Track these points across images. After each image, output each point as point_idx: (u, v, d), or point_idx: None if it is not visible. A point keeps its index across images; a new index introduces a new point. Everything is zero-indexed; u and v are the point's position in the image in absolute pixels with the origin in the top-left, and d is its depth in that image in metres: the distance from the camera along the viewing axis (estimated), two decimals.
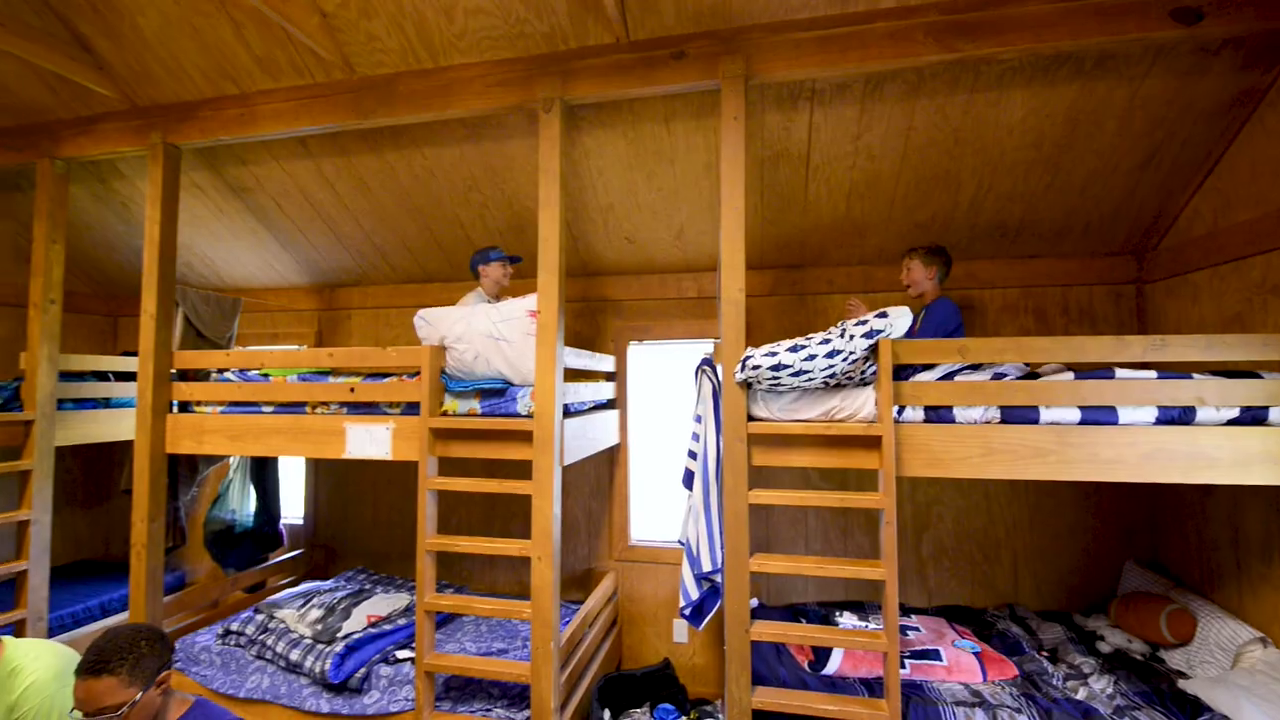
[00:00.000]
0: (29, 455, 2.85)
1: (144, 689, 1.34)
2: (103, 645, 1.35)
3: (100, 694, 1.30)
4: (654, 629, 3.22)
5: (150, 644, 1.39)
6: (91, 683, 1.30)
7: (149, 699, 1.35)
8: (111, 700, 1.30)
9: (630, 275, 3.33)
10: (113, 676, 1.31)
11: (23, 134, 3.04)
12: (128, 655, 1.35)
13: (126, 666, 1.33)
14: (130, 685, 1.33)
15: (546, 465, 2.24)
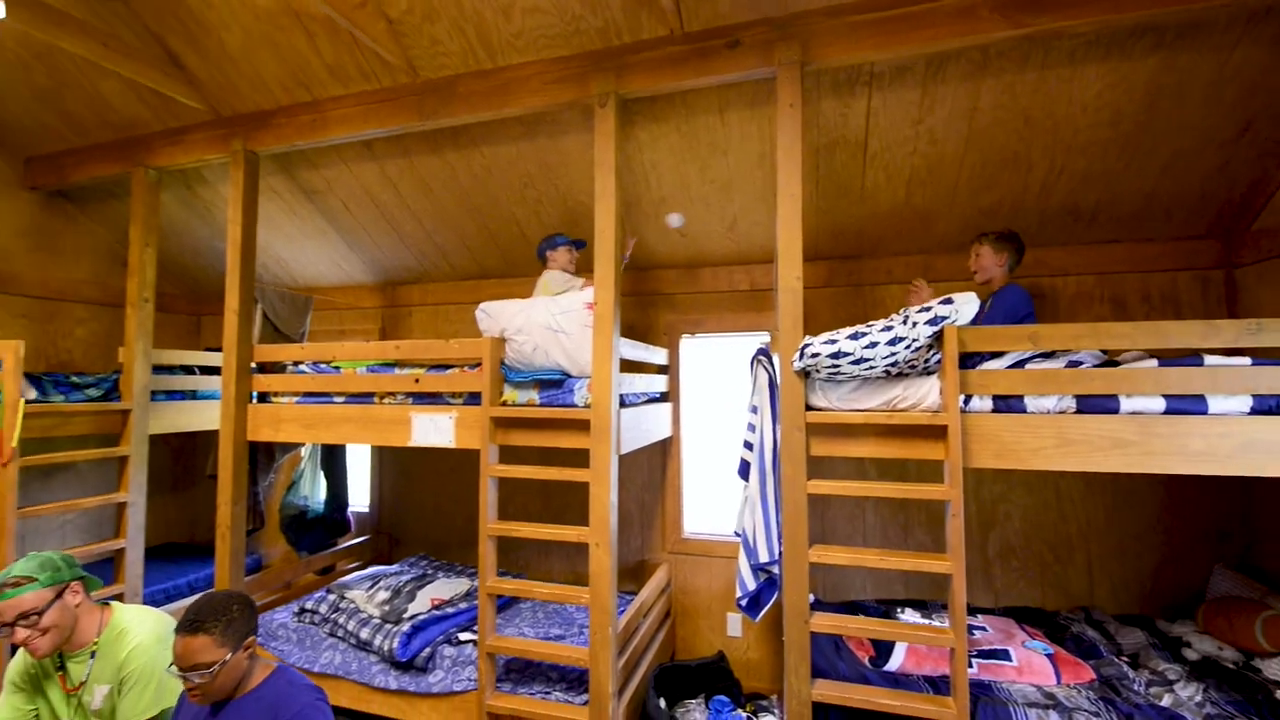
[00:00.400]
0: (126, 442, 3.09)
1: (233, 651, 1.44)
2: (200, 606, 1.46)
3: (196, 651, 1.40)
4: (708, 622, 3.22)
5: (241, 609, 1.49)
6: (189, 640, 1.40)
7: (237, 660, 1.45)
8: (205, 658, 1.40)
9: (682, 269, 3.34)
10: (207, 635, 1.41)
11: (121, 146, 3.30)
12: (221, 617, 1.45)
13: (220, 628, 1.43)
14: (222, 646, 1.42)
15: (603, 454, 2.28)
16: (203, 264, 4.16)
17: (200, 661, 1.39)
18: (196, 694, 1.40)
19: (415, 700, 2.50)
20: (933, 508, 2.95)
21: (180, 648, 1.39)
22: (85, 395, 3.00)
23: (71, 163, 3.44)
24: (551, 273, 2.88)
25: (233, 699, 1.48)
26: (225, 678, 1.43)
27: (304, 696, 1.48)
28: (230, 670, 1.43)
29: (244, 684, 1.49)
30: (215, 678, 1.40)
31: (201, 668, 1.39)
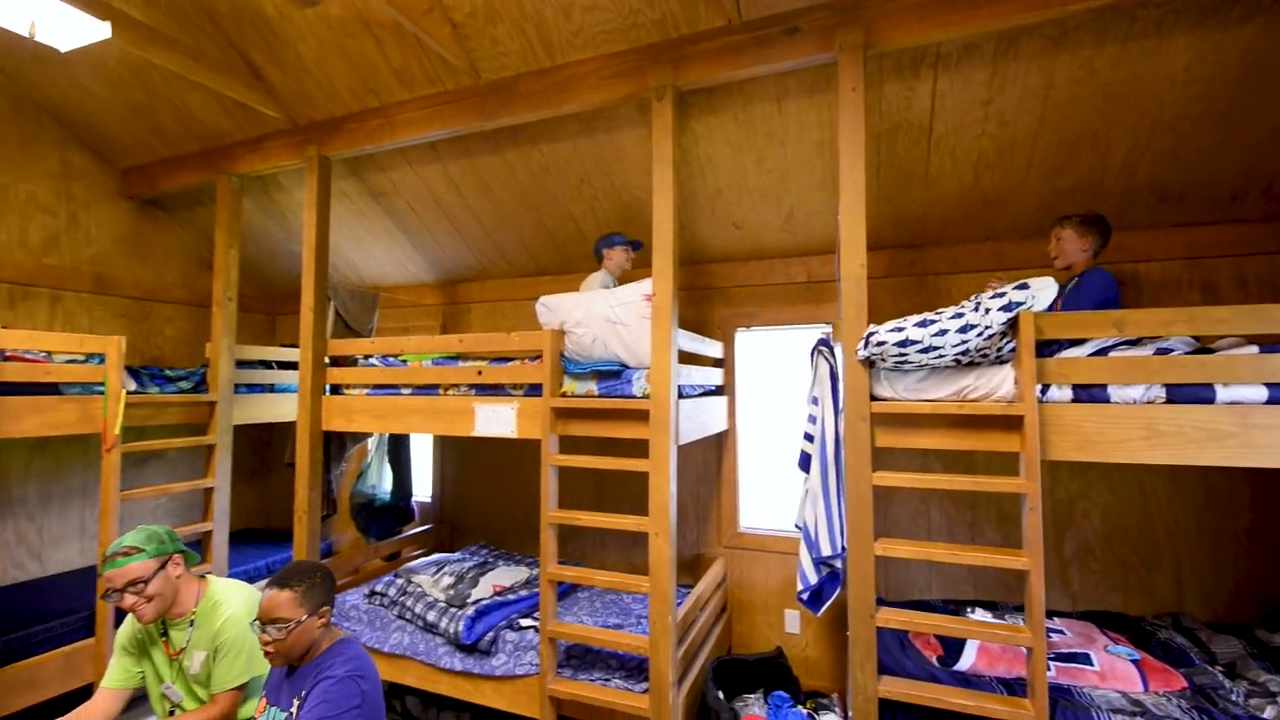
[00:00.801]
0: (213, 432, 3.31)
1: (309, 614, 1.53)
2: (289, 568, 1.57)
3: (278, 605, 1.50)
4: (765, 618, 3.19)
5: (323, 579, 1.59)
6: (275, 593, 1.51)
7: (310, 624, 1.54)
8: (284, 613, 1.49)
9: (737, 262, 3.32)
10: (291, 592, 1.51)
11: (206, 156, 3.53)
12: (305, 580, 1.55)
13: (302, 589, 1.53)
14: (300, 606, 1.52)
15: (663, 444, 2.29)
16: (278, 266, 4.40)
17: (280, 616, 1.48)
18: (270, 650, 1.49)
19: (479, 682, 2.58)
20: (1003, 505, 2.83)
21: (265, 601, 1.49)
22: (177, 387, 3.22)
23: (162, 172, 3.70)
24: (593, 276, 2.92)
25: (301, 664, 1.55)
26: (297, 638, 1.51)
27: (344, 668, 1.52)
28: (302, 632, 1.51)
29: (313, 652, 1.57)
30: (289, 635, 1.48)
31: (280, 622, 1.48)
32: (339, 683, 1.48)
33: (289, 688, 1.54)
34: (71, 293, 3.63)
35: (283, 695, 1.54)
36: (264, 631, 1.49)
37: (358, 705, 1.48)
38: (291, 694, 1.52)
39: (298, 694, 1.51)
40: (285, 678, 1.56)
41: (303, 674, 1.54)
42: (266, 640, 1.49)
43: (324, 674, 1.50)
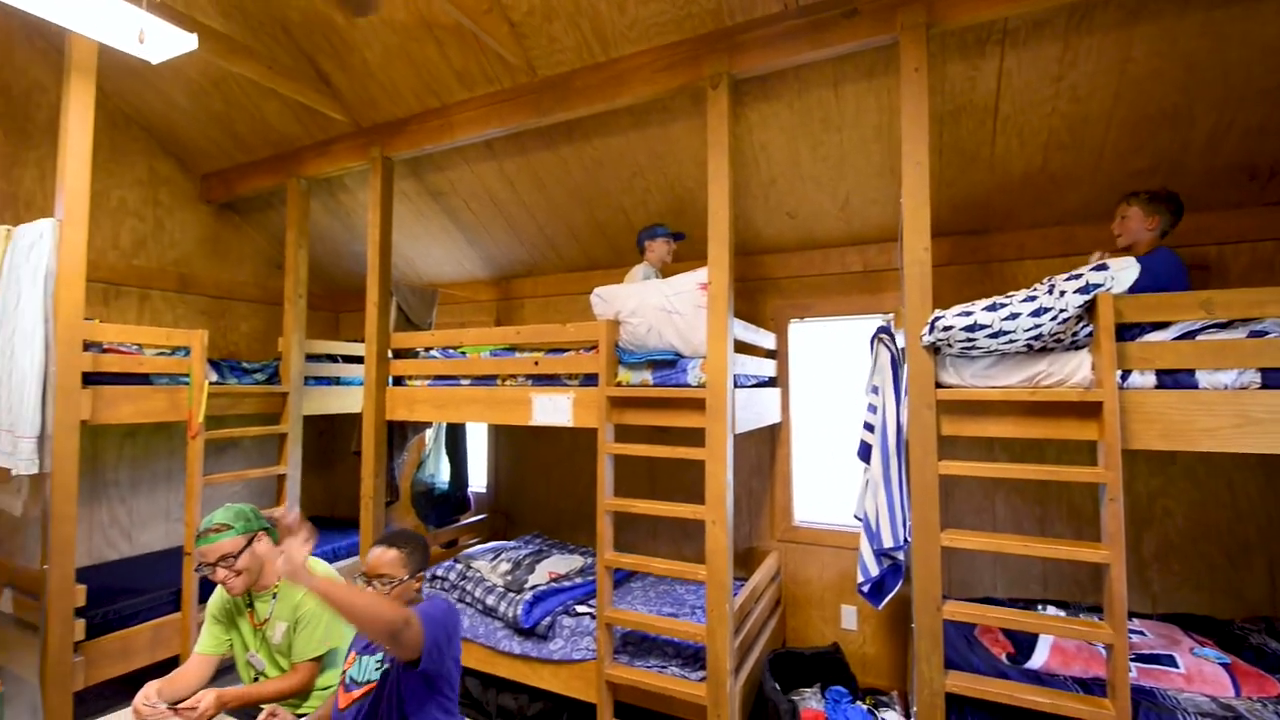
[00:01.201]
0: (285, 421, 3.48)
1: (409, 575, 1.63)
2: (396, 531, 1.70)
3: (385, 562, 1.60)
4: (820, 613, 3.14)
5: (423, 547, 1.70)
6: (383, 551, 1.61)
7: (410, 585, 1.64)
8: (390, 570, 1.60)
9: (791, 252, 3.29)
10: (398, 552, 1.62)
11: (278, 160, 3.72)
12: (409, 544, 1.66)
13: (406, 551, 1.63)
14: (404, 567, 1.62)
15: (719, 432, 2.29)
16: (342, 265, 4.60)
17: (386, 573, 1.59)
18: None
19: (537, 665, 2.63)
20: (1075, 499, 2.71)
21: (373, 557, 1.59)
22: (253, 379, 3.40)
23: (238, 177, 3.92)
24: (635, 269, 2.95)
25: None
26: (398, 595, 1.60)
27: (435, 603, 1.60)
28: (403, 591, 1.61)
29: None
30: (392, 591, 1.58)
31: (386, 578, 1.58)
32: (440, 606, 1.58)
33: None
34: (158, 291, 3.89)
35: (375, 645, 1.62)
36: (369, 585, 1.57)
37: (446, 608, 1.57)
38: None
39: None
40: None
41: None
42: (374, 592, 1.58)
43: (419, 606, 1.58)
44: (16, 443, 2.53)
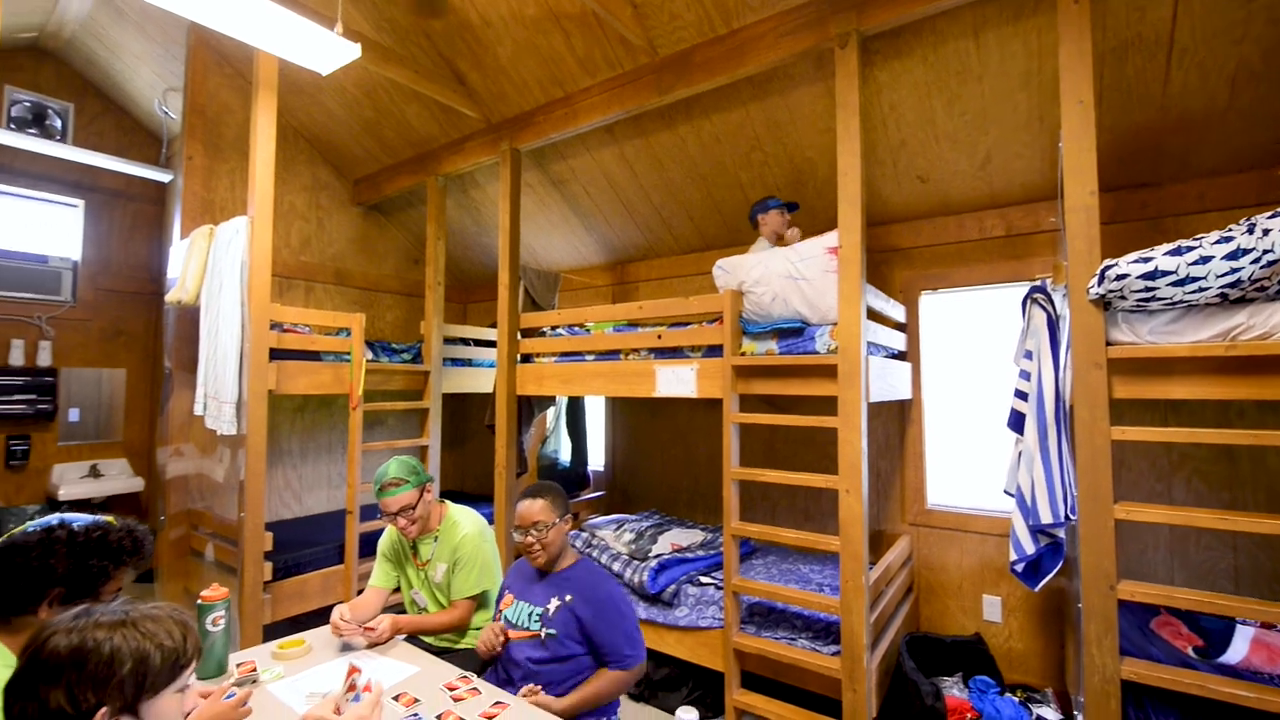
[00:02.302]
0: (427, 398, 3.80)
1: (559, 518, 1.76)
2: (534, 486, 1.81)
3: (535, 511, 1.73)
4: (958, 602, 2.95)
5: (562, 492, 1.83)
6: (530, 503, 1.74)
7: (561, 529, 1.76)
8: (541, 517, 1.73)
9: (921, 220, 3.11)
10: (544, 501, 1.75)
11: (418, 161, 4.07)
12: (551, 491, 1.79)
13: (550, 498, 1.76)
14: (553, 512, 1.75)
15: (852, 399, 2.22)
16: (470, 257, 4.94)
17: (538, 520, 1.71)
18: (536, 549, 1.71)
19: (663, 631, 2.69)
20: (1276, 481, 2.35)
21: (523, 509, 1.72)
22: (401, 359, 3.75)
23: (385, 179, 4.33)
24: (759, 242, 2.90)
25: (551, 572, 1.76)
26: (554, 537, 1.73)
27: (607, 585, 1.74)
28: (557, 534, 1.73)
29: (560, 561, 1.78)
30: (548, 533, 1.70)
31: (539, 525, 1.71)
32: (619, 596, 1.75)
33: (542, 589, 1.75)
34: (319, 284, 4.39)
35: (535, 594, 1.75)
36: (526, 535, 1.71)
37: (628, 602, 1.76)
38: (548, 594, 1.73)
39: (558, 595, 1.72)
40: (537, 580, 1.77)
41: (555, 581, 1.75)
42: (530, 541, 1.71)
43: (598, 591, 1.70)
44: (221, 407, 2.96)
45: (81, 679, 0.76)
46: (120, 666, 0.79)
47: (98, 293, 4.41)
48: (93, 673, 0.77)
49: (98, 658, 0.77)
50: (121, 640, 0.80)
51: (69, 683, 0.75)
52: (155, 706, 0.83)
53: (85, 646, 0.77)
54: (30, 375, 4.06)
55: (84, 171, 4.26)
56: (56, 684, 0.75)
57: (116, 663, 0.78)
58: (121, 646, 0.79)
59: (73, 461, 4.27)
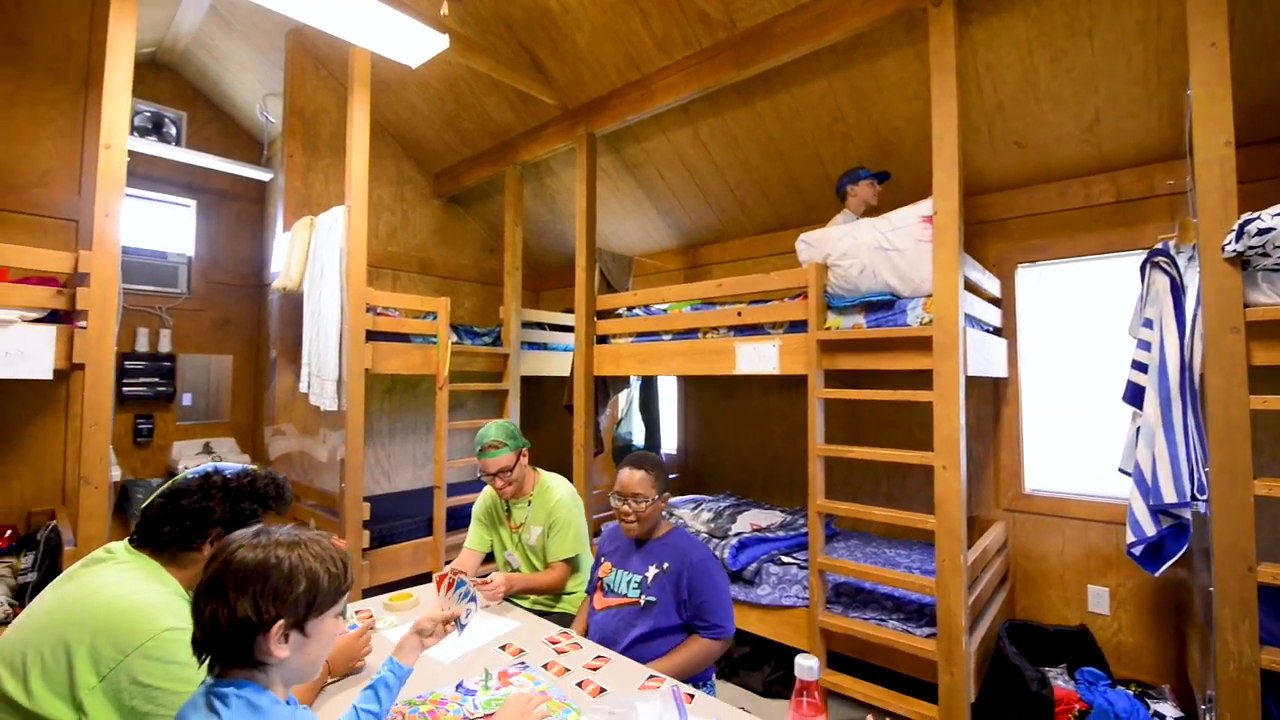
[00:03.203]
0: (506, 379, 3.93)
1: (658, 494, 1.77)
2: (638, 454, 1.84)
3: (636, 482, 1.75)
4: (1059, 592, 2.79)
5: (662, 466, 1.83)
6: (632, 472, 1.76)
7: (657, 505, 1.77)
8: (641, 490, 1.75)
9: (1018, 189, 2.95)
10: (645, 474, 1.76)
11: (496, 151, 4.19)
12: (653, 466, 1.80)
13: (653, 473, 1.78)
14: (652, 487, 1.76)
15: (949, 371, 2.13)
16: (544, 245, 5.06)
17: (638, 492, 1.73)
18: (631, 520, 1.73)
19: (744, 608, 2.67)
20: None
21: (625, 478, 1.75)
22: (482, 341, 3.89)
23: (464, 171, 4.49)
24: (838, 217, 2.83)
25: (648, 540, 1.78)
26: (651, 512, 1.74)
27: (704, 549, 1.76)
28: (654, 509, 1.75)
29: (655, 530, 1.80)
30: (646, 508, 1.72)
31: (639, 497, 1.73)
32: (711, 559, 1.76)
33: (639, 558, 1.78)
34: (405, 273, 4.61)
35: (633, 562, 1.79)
36: (624, 503, 1.74)
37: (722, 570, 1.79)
38: (645, 563, 1.76)
39: (655, 563, 1.74)
40: (634, 549, 1.81)
41: (652, 549, 1.78)
42: (627, 511, 1.74)
43: (691, 556, 1.72)
44: (324, 385, 3.16)
45: (265, 591, 0.84)
46: (297, 585, 0.86)
47: (208, 285, 4.78)
48: (275, 587, 0.84)
49: (279, 574, 0.85)
50: (298, 560, 0.87)
51: (255, 593, 0.83)
52: (320, 625, 0.91)
53: (268, 562, 0.85)
54: (153, 360, 4.46)
55: (195, 174, 4.63)
56: (244, 593, 0.83)
57: (294, 580, 0.86)
58: (298, 566, 0.87)
59: (189, 440, 4.66)
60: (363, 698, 1.12)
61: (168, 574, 1.20)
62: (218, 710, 0.80)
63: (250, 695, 0.83)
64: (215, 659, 0.85)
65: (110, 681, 1.02)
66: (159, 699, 1.03)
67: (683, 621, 1.70)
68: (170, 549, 1.22)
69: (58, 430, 3.26)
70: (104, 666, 1.03)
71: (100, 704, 1.01)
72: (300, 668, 0.91)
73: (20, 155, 3.21)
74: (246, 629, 0.83)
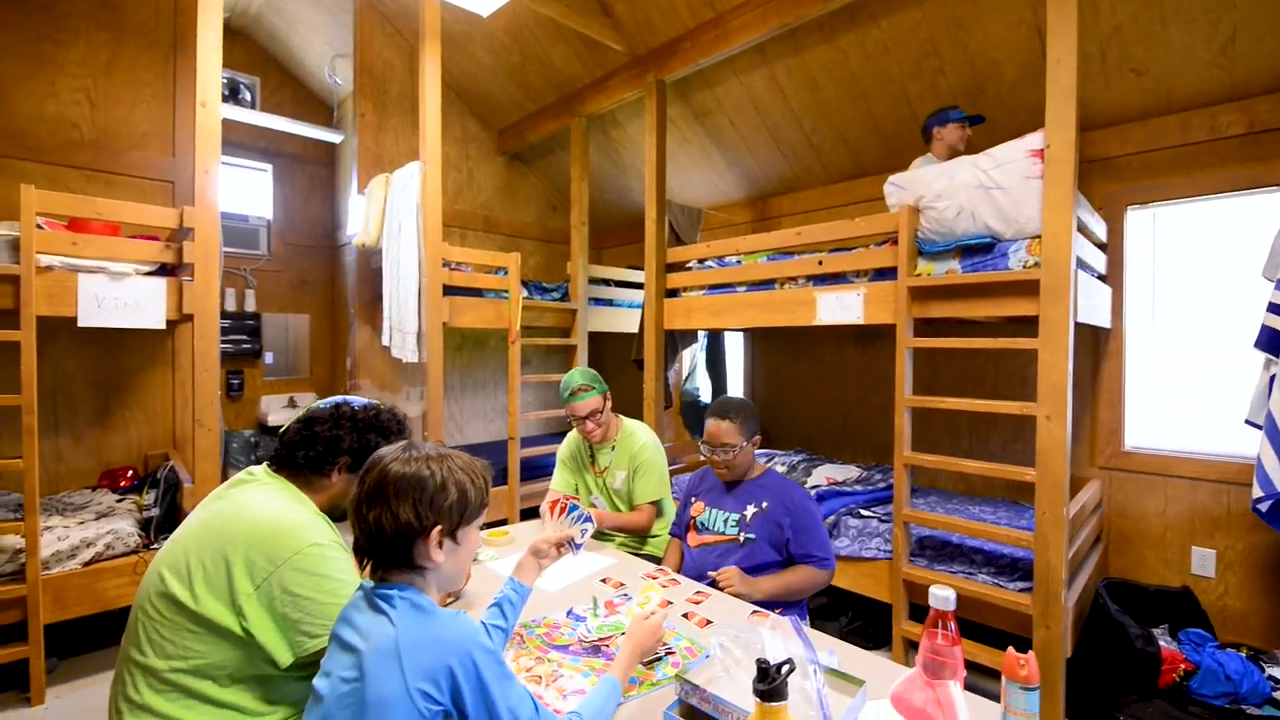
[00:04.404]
0: (574, 335, 3.96)
1: (747, 441, 1.76)
2: (726, 402, 1.83)
3: (724, 432, 1.75)
4: (1159, 553, 2.66)
5: (753, 412, 1.82)
6: (719, 422, 1.76)
7: (748, 450, 1.77)
8: (729, 439, 1.74)
9: (1132, 122, 2.70)
10: (731, 423, 1.75)
11: (561, 104, 4.14)
12: (741, 412, 1.78)
13: (740, 420, 1.76)
14: (740, 434, 1.75)
15: (1057, 317, 2.01)
16: (606, 200, 5.01)
17: (726, 441, 1.72)
18: (722, 467, 1.74)
19: None
20: None
21: (712, 428, 1.75)
22: (551, 296, 3.93)
23: (528, 126, 4.46)
24: (916, 161, 2.66)
25: (742, 481, 1.79)
26: (741, 459, 1.74)
27: (801, 490, 1.74)
28: (744, 455, 1.74)
29: (750, 471, 1.80)
30: (735, 456, 1.71)
31: (727, 446, 1.72)
32: (808, 496, 1.77)
33: (734, 499, 1.80)
34: (471, 231, 4.67)
35: (728, 502, 1.81)
36: (714, 453, 1.74)
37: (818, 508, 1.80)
38: (742, 502, 1.78)
39: (753, 503, 1.76)
40: (727, 490, 1.82)
41: (749, 489, 1.79)
42: (718, 460, 1.75)
43: (789, 496, 1.73)
44: (405, 338, 3.26)
45: (423, 499, 0.88)
46: (449, 495, 0.90)
47: (286, 247, 4.97)
48: (430, 496, 0.89)
49: (433, 484, 0.89)
50: (447, 472, 0.92)
51: (414, 501, 0.87)
52: (468, 534, 0.95)
53: (422, 474, 0.89)
54: (240, 319, 4.71)
55: (270, 138, 4.76)
56: (405, 500, 0.87)
57: (446, 491, 0.90)
58: (448, 478, 0.91)
59: (274, 394, 4.93)
60: (489, 614, 1.17)
61: (304, 495, 1.27)
62: (384, 610, 0.85)
63: (413, 597, 0.87)
64: (377, 562, 0.90)
65: (264, 590, 1.10)
66: (306, 608, 1.11)
67: (781, 559, 1.70)
68: (305, 473, 1.29)
69: (166, 380, 3.49)
70: (258, 576, 1.10)
71: (256, 609, 1.09)
72: (451, 574, 0.96)
73: (121, 119, 3.37)
74: (408, 533, 0.87)
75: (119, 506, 2.85)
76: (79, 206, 2.40)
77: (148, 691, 1.08)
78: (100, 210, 2.41)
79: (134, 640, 1.12)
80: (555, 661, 1.23)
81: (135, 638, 1.12)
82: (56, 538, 2.39)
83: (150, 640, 1.10)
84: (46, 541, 2.33)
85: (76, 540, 2.41)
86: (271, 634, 1.09)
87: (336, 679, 0.82)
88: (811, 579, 1.67)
